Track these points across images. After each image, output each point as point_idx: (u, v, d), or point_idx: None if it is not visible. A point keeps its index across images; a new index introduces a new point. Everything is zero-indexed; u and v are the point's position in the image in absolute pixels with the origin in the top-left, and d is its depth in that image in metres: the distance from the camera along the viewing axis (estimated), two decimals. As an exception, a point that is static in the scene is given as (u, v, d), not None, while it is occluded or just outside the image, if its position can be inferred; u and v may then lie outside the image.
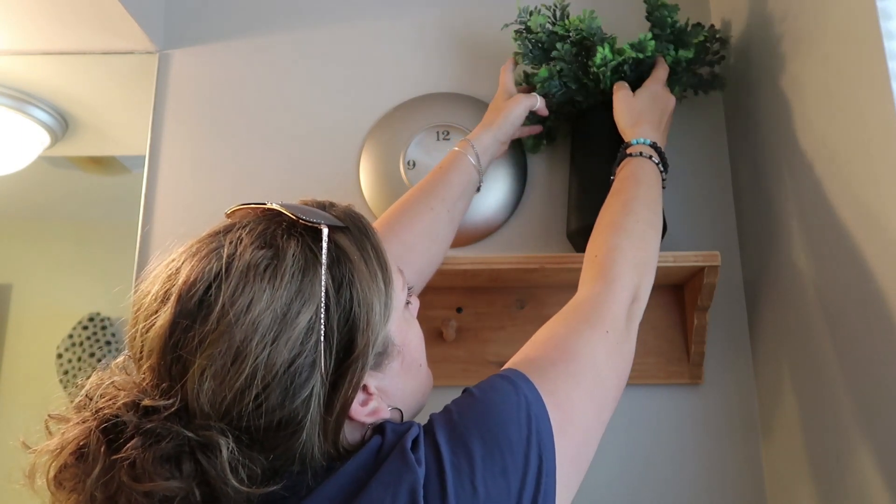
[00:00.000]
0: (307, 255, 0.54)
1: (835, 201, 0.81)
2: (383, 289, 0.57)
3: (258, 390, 0.50)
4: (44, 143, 1.25)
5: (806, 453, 0.89)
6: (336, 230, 0.57)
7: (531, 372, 0.59)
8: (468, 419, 0.55)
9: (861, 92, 0.74)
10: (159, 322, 0.51)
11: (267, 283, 0.51)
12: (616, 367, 0.66)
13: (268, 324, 0.50)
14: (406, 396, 0.62)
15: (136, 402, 0.50)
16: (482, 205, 1.11)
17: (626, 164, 0.88)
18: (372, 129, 1.17)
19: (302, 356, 0.51)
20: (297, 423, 0.51)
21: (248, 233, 0.55)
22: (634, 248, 0.76)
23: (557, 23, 1.02)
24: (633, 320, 0.72)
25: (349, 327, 0.54)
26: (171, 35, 1.24)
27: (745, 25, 1.06)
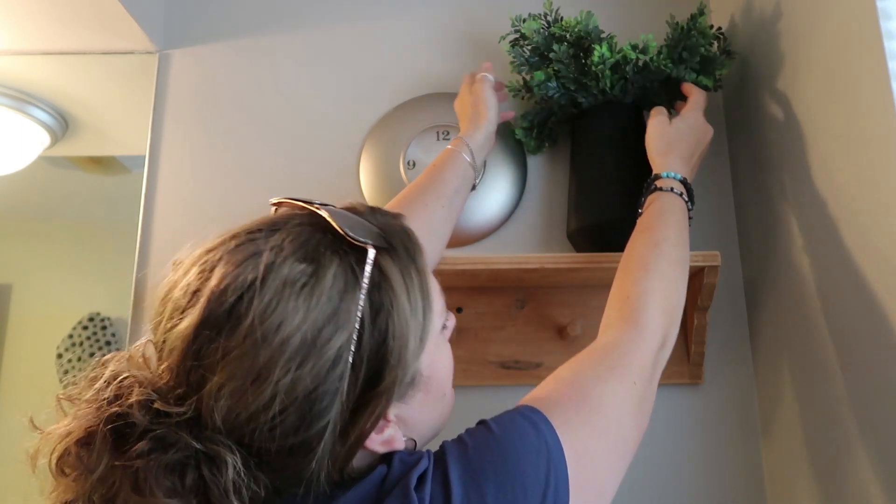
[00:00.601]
0: (348, 276, 0.50)
1: (834, 201, 0.81)
2: (421, 321, 0.54)
3: (274, 413, 0.47)
4: (44, 143, 1.25)
5: (806, 453, 0.89)
6: (382, 252, 0.53)
7: (554, 417, 0.56)
8: (485, 458, 0.52)
9: (861, 92, 0.74)
10: (184, 323, 0.49)
11: (302, 303, 0.48)
12: (638, 421, 0.63)
13: (296, 347, 0.48)
14: (425, 427, 0.59)
15: (149, 401, 0.48)
16: (482, 205, 1.11)
17: (656, 199, 0.85)
18: (372, 129, 1.17)
19: (326, 383, 0.48)
20: (310, 449, 0.49)
21: (290, 241, 0.51)
22: (665, 293, 0.74)
23: (553, 25, 1.02)
24: (659, 367, 0.70)
25: (379, 359, 0.50)
26: (171, 35, 1.24)
27: (745, 25, 1.06)
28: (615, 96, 1.01)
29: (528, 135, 1.11)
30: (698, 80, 0.98)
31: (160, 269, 1.17)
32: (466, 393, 1.06)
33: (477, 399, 1.05)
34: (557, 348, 1.06)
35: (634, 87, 1.00)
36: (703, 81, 0.98)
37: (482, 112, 0.96)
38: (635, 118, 1.04)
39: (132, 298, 1.10)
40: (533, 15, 1.03)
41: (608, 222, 0.98)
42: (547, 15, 1.03)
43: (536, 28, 1.02)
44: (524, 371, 1.05)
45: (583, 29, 0.99)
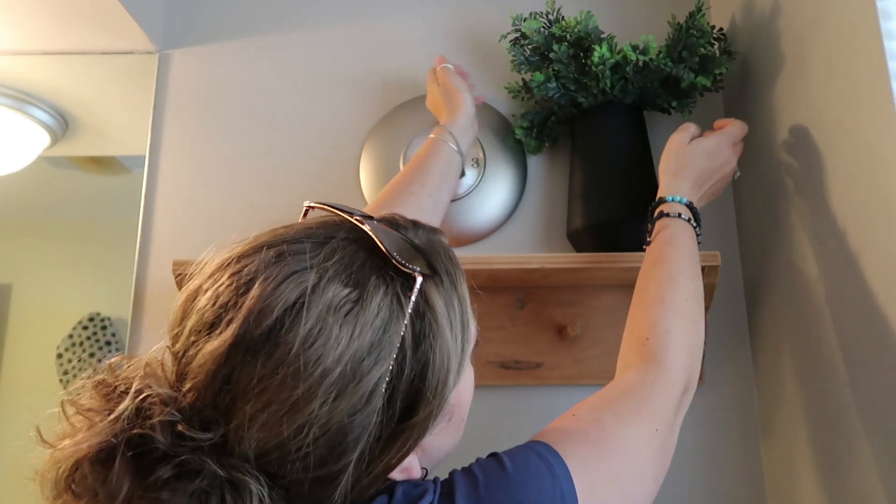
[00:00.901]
0: (393, 305, 0.48)
1: (835, 201, 0.81)
2: (460, 352, 0.51)
3: (305, 444, 0.45)
4: (44, 143, 1.25)
5: (806, 453, 0.89)
6: (428, 280, 0.50)
7: (570, 458, 0.53)
8: (496, 498, 0.49)
9: (861, 91, 0.74)
10: (216, 343, 0.46)
11: (345, 332, 0.46)
12: (657, 468, 0.60)
13: (335, 379, 0.45)
14: (440, 451, 0.57)
15: (172, 423, 0.45)
16: (482, 205, 1.11)
17: (665, 227, 0.80)
18: (372, 129, 1.17)
19: (360, 416, 0.46)
20: (335, 481, 0.47)
21: (335, 261, 0.48)
22: (687, 333, 0.70)
23: (554, 25, 1.02)
24: (681, 414, 0.67)
25: (415, 390, 0.48)
26: (171, 35, 1.24)
27: (745, 25, 1.06)
28: (615, 96, 1.01)
29: (528, 135, 1.11)
30: (697, 80, 0.98)
31: (160, 269, 1.18)
32: (466, 393, 1.06)
33: (477, 399, 1.04)
34: (557, 348, 1.06)
35: (634, 88, 1.00)
36: (701, 81, 0.98)
37: (456, 98, 0.96)
38: (635, 118, 1.04)
39: (132, 298, 1.10)
40: (534, 14, 1.03)
41: (608, 222, 0.98)
42: (548, 14, 1.03)
43: (537, 27, 1.02)
44: (524, 371, 1.05)
45: (583, 29, 0.99)
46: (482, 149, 1.12)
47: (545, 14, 1.03)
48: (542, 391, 1.05)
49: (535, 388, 1.05)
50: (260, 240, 0.51)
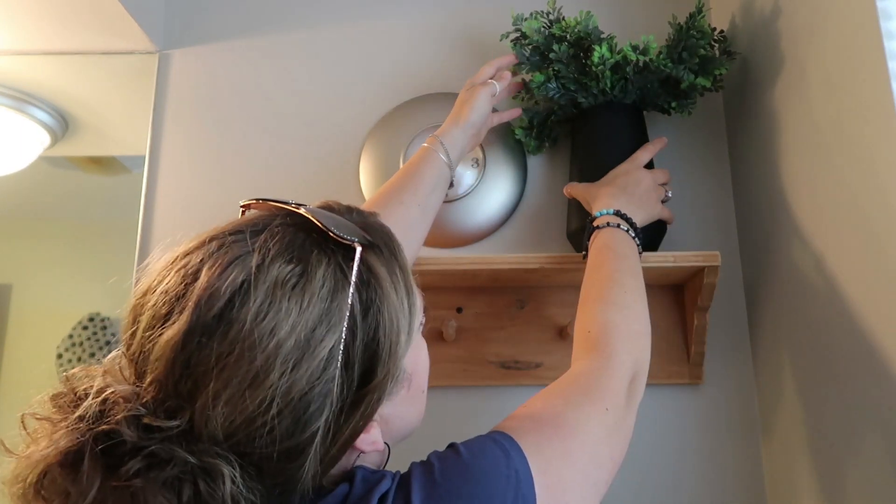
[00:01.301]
0: (337, 275, 0.50)
1: (835, 201, 0.81)
2: (408, 315, 0.53)
3: (270, 418, 0.46)
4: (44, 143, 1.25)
5: (806, 453, 0.89)
6: (368, 249, 0.53)
7: (525, 444, 0.55)
8: (451, 483, 0.51)
9: (861, 92, 0.74)
10: (170, 332, 0.47)
11: (294, 304, 0.48)
12: (612, 448, 0.62)
13: (290, 349, 0.47)
14: (405, 424, 0.59)
15: (138, 417, 0.46)
16: (482, 205, 1.11)
17: (596, 238, 0.86)
18: (372, 129, 1.17)
19: (320, 384, 0.47)
20: (304, 453, 0.48)
21: (276, 241, 0.50)
22: (628, 322, 0.74)
23: (554, 25, 1.02)
24: (634, 398, 0.69)
25: (370, 355, 0.50)
26: (171, 35, 1.24)
27: (745, 25, 1.06)
28: (615, 96, 1.01)
29: (528, 135, 1.11)
30: (697, 81, 0.98)
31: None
32: (466, 393, 1.06)
33: (477, 399, 1.06)
34: (557, 348, 1.06)
35: (634, 88, 1.00)
36: (701, 82, 0.98)
37: (464, 112, 0.96)
38: (635, 118, 1.04)
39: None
40: (535, 13, 1.03)
41: (608, 222, 0.98)
42: (549, 14, 1.03)
43: (537, 27, 1.02)
44: (524, 371, 1.05)
45: (583, 29, 0.99)
46: (482, 149, 1.12)
47: (546, 14, 1.03)
48: (542, 391, 1.05)
49: (535, 388, 1.04)
50: (201, 237, 0.53)
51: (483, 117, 0.98)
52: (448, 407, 1.05)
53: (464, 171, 1.11)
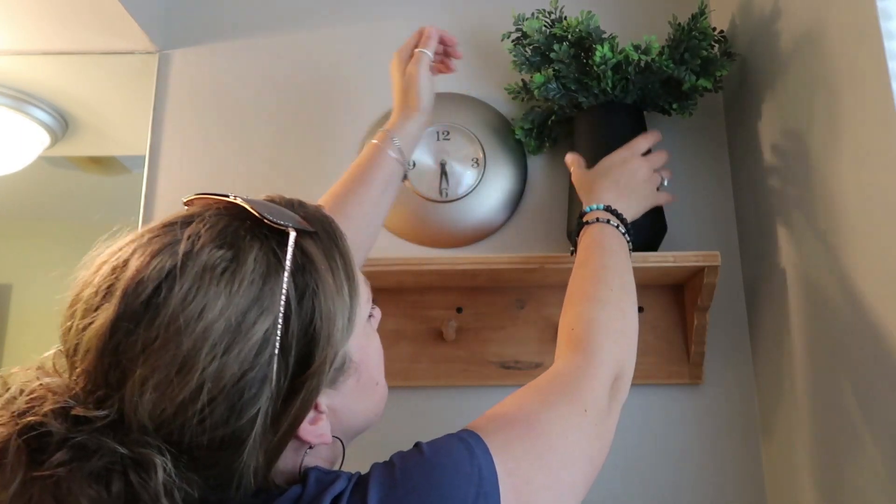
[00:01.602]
0: (270, 259, 0.49)
1: (834, 201, 0.81)
2: (348, 301, 0.52)
3: (202, 405, 0.45)
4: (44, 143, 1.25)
5: (806, 453, 0.89)
6: (304, 235, 0.52)
7: (493, 442, 0.53)
8: (409, 482, 0.49)
9: (861, 92, 0.74)
10: (99, 321, 0.46)
11: (223, 288, 0.47)
12: (590, 451, 0.59)
13: (220, 333, 0.46)
14: (357, 417, 0.57)
15: (66, 409, 0.45)
16: (482, 205, 1.11)
17: (586, 232, 0.83)
18: (372, 129, 1.17)
19: (254, 369, 0.46)
20: (241, 441, 0.47)
21: (207, 229, 0.50)
22: (612, 320, 0.71)
23: (556, 24, 1.02)
24: (617, 398, 0.66)
25: (308, 341, 0.49)
26: (171, 35, 1.24)
27: (745, 25, 1.06)
28: (616, 97, 1.01)
29: (529, 135, 1.11)
30: (698, 83, 0.98)
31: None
32: (466, 393, 1.06)
33: (477, 399, 1.06)
34: (557, 348, 1.06)
35: (635, 88, 1.00)
36: (702, 84, 0.98)
37: (412, 100, 0.89)
38: (636, 118, 1.04)
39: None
40: (536, 13, 1.03)
41: (608, 222, 0.98)
42: (551, 13, 1.03)
43: (538, 27, 1.02)
44: (524, 371, 1.05)
45: (584, 29, 0.99)
46: (482, 149, 1.12)
47: (547, 13, 1.03)
48: (542, 391, 1.05)
49: (535, 388, 1.05)
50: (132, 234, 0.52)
51: (432, 96, 0.92)
52: (448, 407, 1.05)
53: (464, 171, 1.12)
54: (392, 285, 1.07)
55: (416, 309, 1.08)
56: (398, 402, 1.06)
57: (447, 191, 1.11)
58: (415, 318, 1.08)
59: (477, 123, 1.14)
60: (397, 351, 1.07)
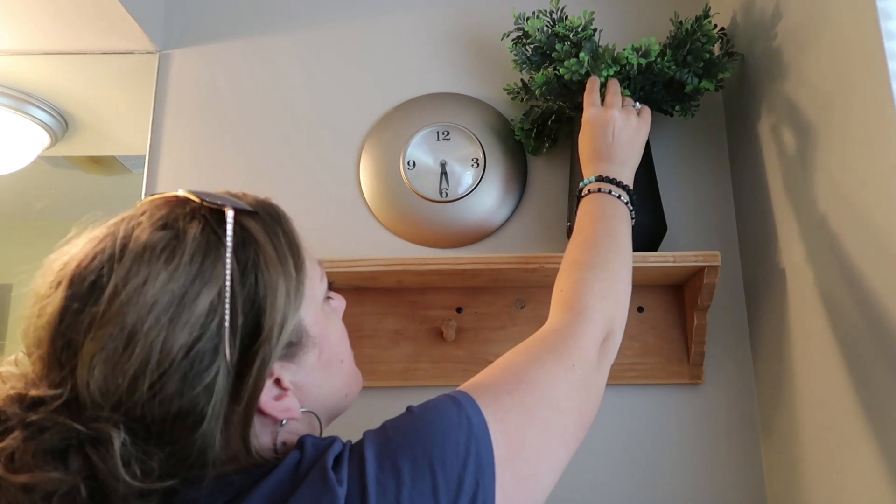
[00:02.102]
0: (210, 237, 0.51)
1: (834, 201, 0.81)
2: (293, 273, 0.54)
3: (154, 377, 0.46)
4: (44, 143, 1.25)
5: (806, 453, 0.89)
6: (243, 213, 0.54)
7: (481, 397, 0.55)
8: (401, 436, 0.51)
9: (861, 92, 0.74)
10: (49, 308, 0.49)
11: (163, 264, 0.49)
12: (580, 403, 0.60)
13: (164, 305, 0.47)
14: (324, 395, 0.58)
15: (22, 394, 0.46)
16: (482, 205, 1.11)
17: (580, 206, 0.85)
18: (372, 129, 1.17)
19: (202, 340, 0.48)
20: (198, 413, 0.48)
21: (148, 216, 0.52)
22: (601, 280, 0.72)
23: (557, 24, 1.01)
24: (607, 358, 0.68)
25: (255, 311, 0.50)
26: (171, 35, 1.24)
27: (745, 25, 1.06)
28: (616, 97, 1.01)
29: (528, 136, 1.11)
30: (701, 85, 0.97)
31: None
32: (466, 393, 1.06)
33: (477, 399, 1.06)
34: (557, 348, 1.06)
35: (637, 89, 1.00)
36: (705, 86, 0.98)
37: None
38: (635, 118, 1.04)
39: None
40: (537, 12, 1.03)
41: (608, 222, 0.98)
42: (552, 13, 1.03)
43: (540, 27, 1.02)
44: (524, 371, 1.05)
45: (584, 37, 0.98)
46: (482, 149, 1.12)
47: (548, 13, 1.03)
48: (542, 391, 1.05)
49: (535, 388, 1.05)
50: (84, 234, 0.54)
51: None
52: (448, 407, 1.05)
53: (464, 171, 1.12)
54: (392, 285, 1.07)
55: (416, 309, 1.08)
56: (398, 402, 1.06)
57: (447, 191, 1.11)
58: (415, 318, 1.08)
59: (477, 123, 1.14)
60: (397, 351, 1.07)
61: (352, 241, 1.13)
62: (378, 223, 1.14)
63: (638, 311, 1.07)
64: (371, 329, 1.08)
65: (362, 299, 1.09)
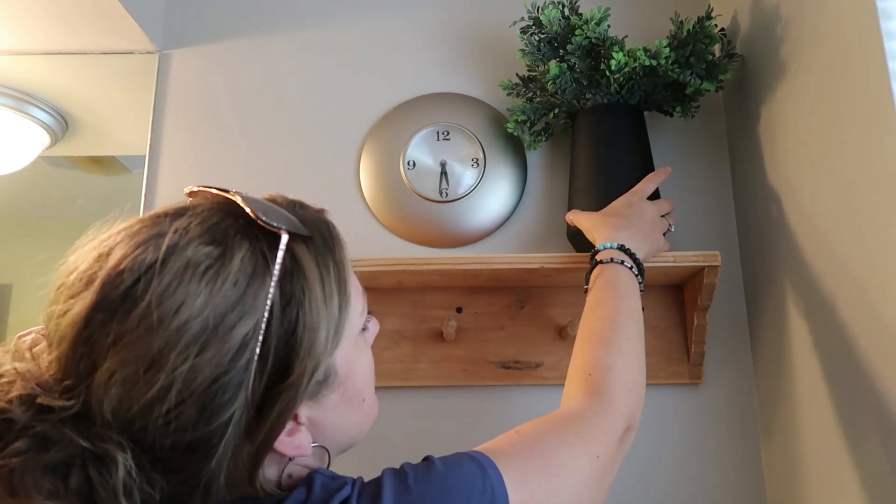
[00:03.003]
0: (258, 261, 0.48)
1: (834, 201, 0.81)
2: (336, 314, 0.50)
3: (170, 405, 0.43)
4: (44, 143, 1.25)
5: (806, 453, 0.89)
6: (297, 239, 0.50)
7: (507, 468, 0.53)
8: (424, 491, 0.49)
9: (861, 92, 0.74)
10: (76, 308, 0.45)
11: (204, 286, 0.45)
12: (595, 495, 0.59)
13: (196, 333, 0.44)
14: (339, 432, 0.56)
15: (32, 396, 0.44)
16: (482, 205, 1.11)
17: (601, 273, 0.81)
18: (372, 129, 1.17)
19: (229, 374, 0.45)
20: (210, 447, 0.45)
21: (197, 224, 0.48)
22: (628, 371, 0.71)
23: (572, 16, 1.01)
24: (623, 450, 0.67)
25: (288, 350, 0.47)
26: (171, 35, 1.24)
27: (745, 25, 1.06)
28: (622, 97, 1.01)
29: (522, 128, 1.09)
30: (702, 86, 0.97)
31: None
32: (466, 393, 1.06)
33: (477, 399, 1.06)
34: (557, 348, 1.06)
35: (640, 89, 1.00)
36: (706, 87, 0.98)
37: None
38: (637, 118, 1.03)
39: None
40: (550, 2, 1.02)
41: (608, 222, 0.98)
42: (564, 6, 1.02)
43: (555, 16, 1.00)
44: (524, 371, 1.05)
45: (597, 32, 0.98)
46: (482, 149, 1.12)
47: (560, 5, 1.02)
48: (542, 391, 1.05)
49: (535, 388, 1.05)
50: (125, 222, 0.51)
51: None
52: (448, 407, 1.05)
53: (464, 171, 1.12)
54: (392, 285, 1.07)
55: (416, 309, 1.08)
56: (398, 402, 1.06)
57: (447, 191, 1.11)
58: (415, 318, 1.08)
59: (477, 123, 1.14)
60: (397, 351, 1.07)
61: (352, 241, 1.12)
62: (378, 223, 1.14)
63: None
64: (371, 329, 1.08)
65: (362, 299, 1.09)
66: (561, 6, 1.01)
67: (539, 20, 1.02)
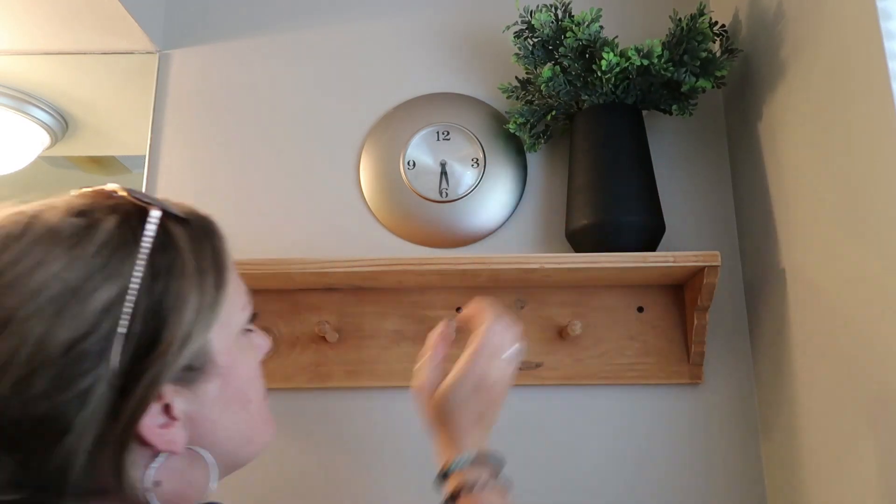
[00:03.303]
0: (126, 234, 0.46)
1: (834, 200, 0.81)
2: (211, 290, 0.48)
3: (21, 371, 0.41)
4: (44, 143, 1.25)
5: (806, 453, 0.89)
6: (171, 218, 0.49)
7: None
8: None
9: (861, 92, 0.74)
10: None
11: (65, 251, 0.43)
12: None
13: (52, 294, 0.42)
14: (220, 435, 0.50)
15: None
16: (482, 205, 1.11)
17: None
18: (372, 129, 1.17)
19: (88, 340, 0.42)
20: (65, 421, 0.42)
21: (66, 202, 0.48)
22: None
23: (564, 19, 1.01)
24: None
25: (157, 321, 0.44)
26: (171, 35, 1.24)
27: (745, 25, 1.06)
28: (618, 97, 1.01)
29: (522, 129, 1.09)
30: (698, 84, 0.97)
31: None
32: (466, 393, 1.06)
33: (477, 399, 1.06)
34: (557, 348, 1.06)
35: (636, 88, 1.00)
36: (702, 84, 0.98)
37: None
38: (635, 118, 1.04)
39: None
40: (543, 6, 1.02)
41: (608, 222, 0.98)
42: (556, 9, 1.02)
43: (547, 20, 1.01)
44: (524, 371, 1.05)
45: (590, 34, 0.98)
46: (482, 149, 1.12)
47: (553, 7, 1.02)
48: (542, 391, 1.05)
49: (535, 388, 1.05)
50: None
51: None
52: (448, 407, 1.05)
53: (464, 171, 1.12)
54: (392, 285, 1.07)
55: (416, 309, 1.08)
56: (398, 402, 1.06)
57: (447, 191, 1.11)
58: (415, 318, 1.08)
59: (477, 123, 1.14)
60: (397, 351, 1.07)
61: (352, 241, 1.13)
62: (378, 223, 1.14)
63: (638, 311, 1.07)
64: (371, 329, 1.08)
65: (362, 299, 1.09)
66: (553, 9, 1.02)
67: (531, 24, 1.03)
